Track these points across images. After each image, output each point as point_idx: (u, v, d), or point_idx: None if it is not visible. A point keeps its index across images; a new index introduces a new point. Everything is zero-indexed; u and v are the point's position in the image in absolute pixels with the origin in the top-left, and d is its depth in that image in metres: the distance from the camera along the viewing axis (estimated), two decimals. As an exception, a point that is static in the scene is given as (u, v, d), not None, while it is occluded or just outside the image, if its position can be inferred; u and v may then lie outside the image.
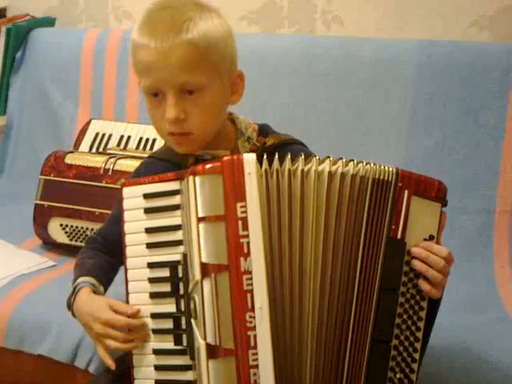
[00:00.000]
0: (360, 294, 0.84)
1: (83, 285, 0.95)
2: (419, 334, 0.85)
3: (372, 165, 0.84)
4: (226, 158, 0.81)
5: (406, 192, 0.84)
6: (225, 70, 0.92)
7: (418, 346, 0.85)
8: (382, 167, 0.84)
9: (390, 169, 0.84)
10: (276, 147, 0.97)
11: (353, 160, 0.85)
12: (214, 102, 0.91)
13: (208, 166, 0.81)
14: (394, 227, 0.84)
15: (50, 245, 1.54)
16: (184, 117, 0.88)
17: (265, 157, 0.83)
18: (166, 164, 0.99)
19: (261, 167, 0.82)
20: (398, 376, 0.85)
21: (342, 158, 0.85)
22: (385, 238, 0.84)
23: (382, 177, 0.84)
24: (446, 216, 0.87)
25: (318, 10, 1.82)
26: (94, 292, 0.95)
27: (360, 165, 0.84)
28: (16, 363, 1.25)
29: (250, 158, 0.81)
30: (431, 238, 0.86)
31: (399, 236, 0.84)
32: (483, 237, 1.51)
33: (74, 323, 1.14)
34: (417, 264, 0.84)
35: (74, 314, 0.96)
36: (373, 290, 0.84)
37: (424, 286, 0.84)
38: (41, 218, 1.53)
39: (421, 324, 0.85)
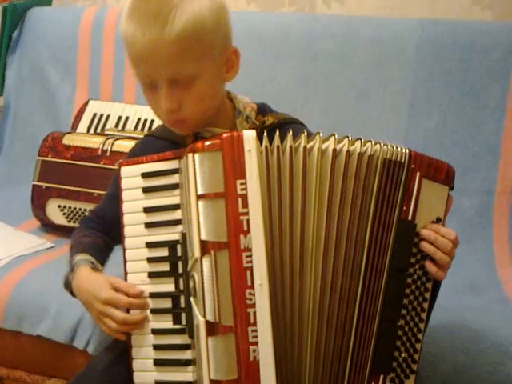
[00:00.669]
0: (368, 274, 0.84)
1: (81, 262, 0.93)
2: (424, 315, 0.86)
3: (382, 145, 0.84)
4: (225, 135, 0.80)
5: (418, 174, 0.84)
6: (218, 50, 0.89)
7: (422, 326, 0.86)
8: (395, 148, 0.84)
9: (403, 150, 0.84)
10: (275, 126, 0.96)
11: (360, 139, 0.84)
12: (207, 88, 0.89)
13: (207, 143, 0.80)
14: (405, 208, 0.84)
15: (49, 226, 1.54)
16: (178, 106, 0.87)
17: (265, 134, 0.82)
18: (163, 142, 0.98)
19: (261, 144, 0.81)
20: (402, 355, 0.85)
21: (347, 136, 0.84)
22: (396, 219, 0.84)
23: (394, 157, 0.84)
24: (452, 199, 0.88)
25: (318, -11, 1.80)
26: (93, 270, 0.94)
27: (368, 144, 0.84)
28: (15, 344, 1.26)
29: (250, 135, 0.80)
30: (438, 220, 0.87)
31: (410, 217, 0.84)
32: (483, 218, 1.50)
33: (72, 304, 1.13)
34: (425, 246, 0.85)
35: (72, 293, 0.95)
36: (383, 270, 0.84)
37: (431, 267, 0.85)
38: (39, 200, 1.52)
39: (425, 305, 0.86)
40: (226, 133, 0.81)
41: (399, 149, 0.84)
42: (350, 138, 0.83)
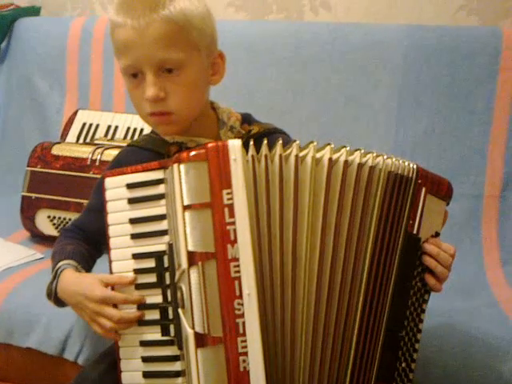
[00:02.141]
0: (372, 284, 0.84)
1: (65, 267, 0.91)
2: (421, 326, 0.87)
3: (385, 157, 0.84)
4: (210, 145, 0.79)
5: (424, 189, 0.86)
6: (204, 48, 0.91)
7: (419, 336, 0.88)
8: (401, 162, 0.85)
9: (411, 165, 0.85)
10: (261, 135, 0.96)
11: (359, 149, 0.83)
12: (194, 80, 0.90)
13: (193, 153, 0.79)
14: (411, 222, 0.85)
15: (38, 237, 1.53)
16: (164, 96, 0.87)
17: (251, 143, 0.81)
18: (147, 153, 0.97)
19: (247, 153, 0.80)
20: (402, 365, 0.86)
21: (345, 146, 0.83)
22: (403, 232, 0.85)
23: (400, 172, 0.84)
24: (447, 214, 0.90)
25: (305, -4, 1.81)
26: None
27: (369, 155, 0.83)
28: (5, 357, 1.25)
29: (235, 144, 0.79)
30: (437, 234, 0.88)
31: (415, 231, 0.86)
32: (472, 222, 1.51)
33: (62, 315, 1.13)
34: (428, 260, 0.86)
35: (56, 302, 0.93)
36: (389, 281, 0.85)
37: (430, 280, 0.87)
38: (28, 210, 1.52)
39: (423, 316, 0.88)
40: (211, 142, 0.80)
41: (406, 163, 0.85)
42: (348, 148, 0.83)
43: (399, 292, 0.85)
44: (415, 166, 0.85)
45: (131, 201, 0.86)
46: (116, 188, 0.87)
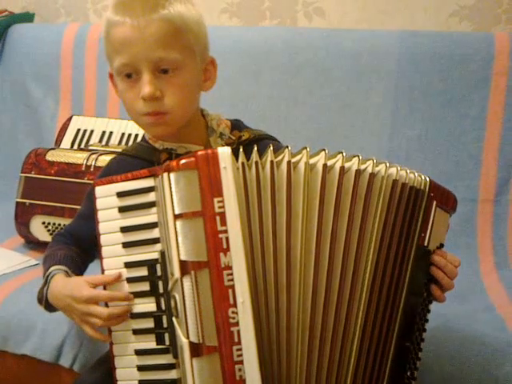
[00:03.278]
0: (377, 295, 0.84)
1: (56, 272, 0.91)
2: (424, 335, 0.88)
3: (388, 165, 0.83)
4: (200, 153, 0.79)
5: (435, 202, 0.86)
6: (199, 52, 0.92)
7: (422, 345, 0.89)
8: (409, 172, 0.85)
9: (422, 177, 0.85)
10: (252, 141, 0.96)
11: (357, 155, 0.83)
12: (188, 82, 0.91)
13: (182, 161, 0.79)
14: (423, 235, 0.86)
15: (33, 243, 1.53)
16: (160, 95, 0.88)
17: (241, 150, 0.81)
18: (137, 161, 0.97)
19: (237, 160, 0.80)
20: (407, 374, 0.87)
21: (341, 152, 0.82)
22: (415, 245, 0.85)
23: (407, 182, 0.84)
24: (449, 225, 0.91)
25: (299, 2, 1.81)
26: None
27: (369, 162, 0.83)
28: (0, 364, 1.24)
29: (225, 152, 0.78)
30: (441, 246, 0.90)
31: (426, 244, 0.86)
32: (467, 226, 1.51)
33: (58, 322, 1.13)
34: (435, 271, 0.87)
35: (46, 307, 0.93)
36: (400, 294, 0.85)
37: (437, 291, 0.88)
38: (22, 217, 1.51)
39: (427, 325, 0.89)
40: (201, 151, 0.79)
41: (416, 174, 0.85)
42: (344, 154, 0.82)
43: (409, 304, 0.85)
44: (428, 179, 0.85)
45: (122, 209, 0.86)
46: (106, 197, 0.87)
